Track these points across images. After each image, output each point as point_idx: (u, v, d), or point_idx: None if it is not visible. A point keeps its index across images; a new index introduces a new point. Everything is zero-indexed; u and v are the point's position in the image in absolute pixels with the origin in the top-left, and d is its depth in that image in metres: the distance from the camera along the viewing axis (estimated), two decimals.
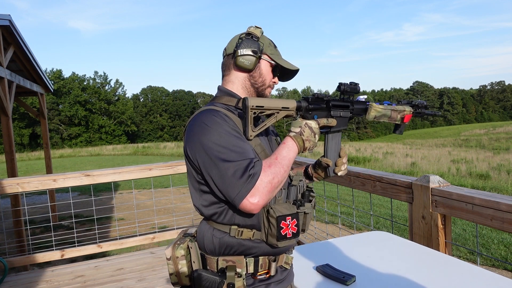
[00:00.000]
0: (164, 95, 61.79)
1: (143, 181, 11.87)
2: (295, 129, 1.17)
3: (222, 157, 1.06)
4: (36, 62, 7.13)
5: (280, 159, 1.10)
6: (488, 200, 1.61)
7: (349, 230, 6.00)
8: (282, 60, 1.29)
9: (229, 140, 1.09)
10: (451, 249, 1.93)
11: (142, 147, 36.55)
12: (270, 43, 1.29)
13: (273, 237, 1.13)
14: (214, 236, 1.18)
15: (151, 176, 3.61)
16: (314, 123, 1.18)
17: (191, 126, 1.15)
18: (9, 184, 3.14)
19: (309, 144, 1.16)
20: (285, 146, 1.14)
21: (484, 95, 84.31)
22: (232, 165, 1.05)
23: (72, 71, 73.81)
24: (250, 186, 1.03)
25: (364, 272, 1.41)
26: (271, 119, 1.19)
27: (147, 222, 6.29)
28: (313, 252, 1.69)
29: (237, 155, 1.06)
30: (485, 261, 4.70)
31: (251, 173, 1.04)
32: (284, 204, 1.17)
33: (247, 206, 1.03)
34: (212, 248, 1.18)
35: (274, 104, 1.18)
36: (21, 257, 3.38)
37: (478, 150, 22.16)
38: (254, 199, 1.03)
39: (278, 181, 1.07)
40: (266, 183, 1.04)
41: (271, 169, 1.07)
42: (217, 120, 1.12)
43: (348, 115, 1.28)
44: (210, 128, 1.10)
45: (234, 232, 1.16)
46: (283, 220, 1.12)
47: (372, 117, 1.29)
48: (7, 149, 5.71)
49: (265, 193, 1.04)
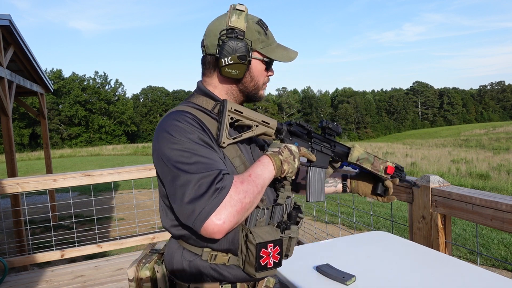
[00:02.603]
0: (164, 95, 61.80)
1: (143, 181, 11.86)
2: (273, 148, 1.05)
3: (183, 168, 0.90)
4: (36, 62, 7.13)
5: (254, 177, 0.94)
6: (488, 200, 1.61)
7: (349, 230, 6.00)
8: (277, 51, 1.09)
9: (192, 149, 0.93)
10: (451, 249, 1.93)
11: (142, 147, 36.53)
12: (259, 32, 1.06)
13: (251, 266, 0.98)
14: (184, 258, 1.03)
15: (151, 176, 3.60)
16: (295, 147, 1.06)
17: (155, 134, 1.01)
18: (9, 184, 3.14)
19: (287, 166, 1.01)
20: (260, 164, 0.99)
21: (484, 95, 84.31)
22: (194, 178, 0.88)
23: (72, 71, 73.91)
24: (216, 202, 0.85)
25: (364, 272, 1.41)
26: (249, 132, 1.05)
27: (147, 222, 6.29)
28: (313, 252, 1.69)
29: (202, 166, 0.90)
30: (485, 261, 4.70)
31: (218, 186, 0.87)
32: (266, 228, 0.99)
33: (209, 228, 0.85)
34: (182, 272, 1.03)
35: (254, 115, 1.06)
36: (21, 257, 3.38)
37: (478, 150, 22.16)
38: (219, 219, 0.85)
39: (250, 202, 0.91)
40: (235, 201, 0.87)
41: (243, 186, 0.91)
42: (181, 126, 0.96)
43: (330, 154, 1.18)
44: (171, 137, 0.94)
45: (206, 255, 1.01)
46: (263, 247, 0.96)
47: (355, 158, 1.18)
48: (7, 149, 5.71)
49: (233, 213, 0.87)
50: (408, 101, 76.04)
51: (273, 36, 1.12)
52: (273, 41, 1.11)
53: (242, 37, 1.02)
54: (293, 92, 71.71)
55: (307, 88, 73.95)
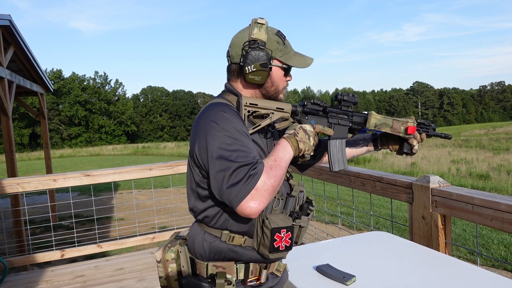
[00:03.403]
0: (164, 95, 61.78)
1: (143, 181, 11.87)
2: (289, 131, 1.15)
3: (225, 155, 1.01)
4: (36, 62, 7.13)
5: (279, 160, 1.06)
6: (488, 201, 1.61)
7: (349, 230, 6.00)
8: (295, 58, 1.21)
9: (236, 137, 1.04)
10: (451, 249, 1.94)
11: (142, 147, 36.55)
12: (278, 42, 1.19)
13: (265, 248, 1.10)
14: (205, 240, 1.14)
15: (151, 176, 3.62)
16: (309, 127, 1.16)
17: (199, 122, 1.11)
18: (9, 184, 3.14)
19: (303, 146, 1.12)
20: (280, 147, 1.10)
21: (484, 96, 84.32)
22: (233, 165, 0.99)
23: (72, 71, 73.86)
24: (250, 187, 0.96)
25: (364, 272, 1.41)
26: (266, 120, 1.17)
27: (147, 222, 6.29)
28: (313, 252, 1.69)
29: (241, 154, 1.01)
30: (485, 261, 4.70)
31: (251, 173, 0.98)
32: (280, 215, 1.12)
33: (246, 210, 0.97)
34: (202, 253, 1.15)
35: (268, 104, 1.18)
36: (21, 257, 3.38)
37: (478, 151, 22.15)
38: (254, 202, 0.96)
39: (278, 184, 1.02)
40: (268, 186, 0.99)
41: (273, 171, 1.02)
42: (226, 116, 1.07)
43: (348, 124, 1.27)
44: (217, 125, 1.05)
45: (225, 237, 1.12)
46: (277, 232, 1.08)
47: (373, 125, 1.28)
48: (7, 149, 5.71)
49: (266, 196, 0.98)
50: (408, 101, 76.04)
51: (290, 45, 1.23)
52: (290, 49, 1.22)
53: (263, 47, 1.15)
54: (293, 92, 71.74)
55: (307, 88, 74.04)
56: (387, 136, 1.39)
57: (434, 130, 1.38)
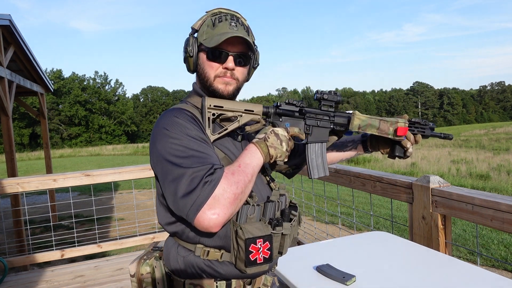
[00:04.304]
0: (164, 95, 61.83)
1: (143, 181, 11.86)
2: (259, 135, 1.03)
3: (177, 162, 0.92)
4: (36, 62, 7.13)
5: (243, 166, 0.95)
6: (488, 201, 1.61)
7: (349, 230, 6.00)
8: (215, 38, 1.03)
9: (188, 144, 0.95)
10: (451, 249, 1.93)
11: (142, 147, 36.52)
12: (208, 25, 1.06)
13: (242, 262, 0.98)
14: (179, 254, 1.05)
15: (151, 176, 3.59)
16: (282, 130, 1.04)
17: (154, 131, 1.02)
18: (9, 184, 3.14)
19: (274, 152, 1.00)
20: (247, 153, 0.99)
21: (484, 96, 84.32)
22: (187, 172, 0.89)
23: (72, 71, 73.87)
24: (206, 194, 0.86)
25: (364, 272, 1.41)
26: (234, 124, 1.06)
27: (147, 222, 6.28)
28: (313, 252, 1.69)
29: (195, 160, 0.91)
30: (485, 261, 4.70)
31: (207, 180, 0.87)
32: (257, 224, 1.00)
33: (204, 222, 0.86)
34: (178, 268, 1.05)
35: (236, 106, 1.06)
36: (21, 257, 3.38)
37: (478, 151, 22.14)
38: (212, 212, 0.86)
39: (242, 192, 0.92)
40: (229, 194, 0.88)
41: (235, 177, 0.91)
42: (178, 122, 0.98)
43: (329, 126, 1.12)
44: (168, 132, 0.97)
45: (199, 251, 1.01)
46: (252, 243, 0.96)
47: (356, 126, 1.11)
48: (7, 149, 5.71)
49: (226, 205, 0.87)
50: (408, 102, 76.05)
51: (228, 27, 1.05)
52: (220, 30, 1.05)
53: (192, 34, 1.10)
54: (293, 92, 71.76)
55: (307, 88, 74.02)
56: (377, 138, 1.22)
57: (432, 130, 1.21)
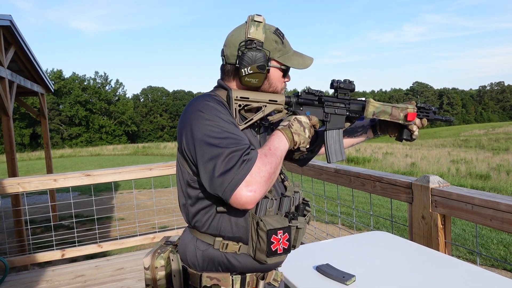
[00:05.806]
0: (164, 95, 61.79)
1: (143, 181, 11.87)
2: (283, 123, 1.09)
3: (215, 143, 0.94)
4: (36, 62, 7.14)
5: (274, 149, 0.99)
6: (488, 200, 1.62)
7: (349, 230, 6.00)
8: (294, 59, 1.14)
9: (224, 126, 0.98)
10: (450, 249, 1.94)
11: (142, 147, 36.51)
12: (276, 41, 1.11)
13: (262, 253, 1.02)
14: (197, 248, 1.08)
15: (151, 176, 3.61)
16: (304, 118, 1.10)
17: (185, 114, 1.05)
18: (10, 184, 3.14)
19: (298, 138, 1.05)
20: (275, 138, 1.04)
21: (484, 96, 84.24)
22: (225, 151, 0.92)
23: (72, 71, 73.81)
24: (244, 172, 0.89)
25: (364, 272, 1.42)
26: (259, 114, 1.11)
27: (147, 222, 6.29)
28: (313, 252, 1.69)
29: (231, 141, 0.94)
30: (484, 261, 4.71)
31: (245, 158, 0.91)
32: (275, 217, 1.05)
33: (241, 198, 0.88)
34: (195, 262, 1.08)
35: (260, 97, 1.12)
36: (22, 256, 3.38)
37: (477, 151, 22.15)
38: (249, 189, 0.89)
39: (274, 172, 0.95)
40: (264, 172, 0.91)
41: (267, 158, 0.95)
42: (212, 105, 1.01)
43: (345, 113, 1.21)
44: (203, 114, 0.99)
45: (218, 244, 1.05)
46: (274, 234, 1.01)
47: (371, 114, 1.20)
48: (7, 149, 5.71)
49: (262, 183, 0.91)
50: None
51: (289, 44, 1.17)
52: (289, 48, 1.16)
53: (260, 48, 1.08)
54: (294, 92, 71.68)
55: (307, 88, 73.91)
56: (386, 122, 1.31)
57: (435, 114, 1.33)
